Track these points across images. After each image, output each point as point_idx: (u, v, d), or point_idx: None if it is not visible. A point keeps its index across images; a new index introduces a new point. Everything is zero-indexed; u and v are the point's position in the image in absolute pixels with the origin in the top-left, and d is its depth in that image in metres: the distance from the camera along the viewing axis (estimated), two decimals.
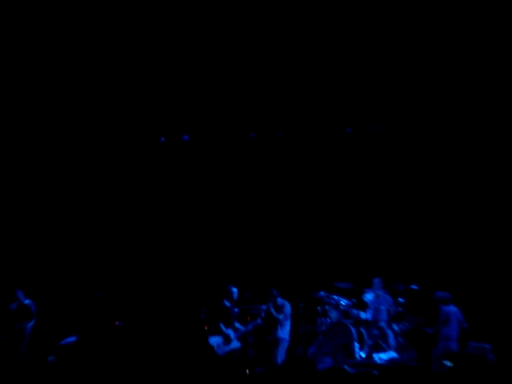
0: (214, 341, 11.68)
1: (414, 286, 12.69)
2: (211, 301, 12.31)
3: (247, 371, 10.65)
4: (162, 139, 14.62)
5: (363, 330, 12.70)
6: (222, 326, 11.77)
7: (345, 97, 13.25)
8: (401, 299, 12.75)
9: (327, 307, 13.09)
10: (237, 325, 11.93)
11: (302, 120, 13.92)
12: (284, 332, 11.95)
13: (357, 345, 12.44)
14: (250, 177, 14.86)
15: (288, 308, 12.09)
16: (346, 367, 10.06)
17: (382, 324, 12.69)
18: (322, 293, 13.11)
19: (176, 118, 14.14)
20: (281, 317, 11.91)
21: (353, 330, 12.56)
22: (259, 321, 11.93)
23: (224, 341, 11.71)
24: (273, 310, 11.94)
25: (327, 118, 13.77)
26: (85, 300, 12.96)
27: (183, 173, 15.02)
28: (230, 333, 11.75)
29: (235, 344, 11.79)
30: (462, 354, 10.94)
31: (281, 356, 11.78)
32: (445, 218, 13.72)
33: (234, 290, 12.00)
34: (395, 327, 12.61)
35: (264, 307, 12.09)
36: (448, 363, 10.04)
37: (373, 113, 13.58)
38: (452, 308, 11.42)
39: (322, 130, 14.04)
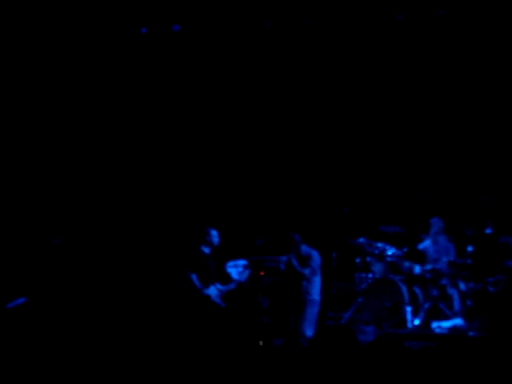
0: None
1: (488, 230, 12.47)
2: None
3: (260, 343, 10.65)
4: (143, 30, 14.36)
5: (418, 290, 12.52)
6: (195, 279, 11.38)
7: None
8: (470, 248, 12.46)
9: (369, 258, 12.90)
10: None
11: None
12: (313, 292, 11.75)
13: (409, 309, 12.24)
14: (261, 80, 14.46)
15: (316, 259, 11.81)
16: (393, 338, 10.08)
17: (444, 281, 12.48)
18: (361, 239, 12.88)
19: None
20: (306, 272, 11.64)
21: (404, 288, 12.36)
22: (243, 278, 11.68)
23: None
24: (295, 263, 11.67)
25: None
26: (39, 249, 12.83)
27: (170, 75, 14.68)
28: (212, 290, 11.49)
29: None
30: None
31: (309, 323, 11.60)
32: None
33: (213, 232, 11.61)
34: (462, 286, 12.38)
35: (284, 258, 11.85)
36: None
37: None
38: None
39: (363, 18, 13.60)
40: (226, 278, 11.85)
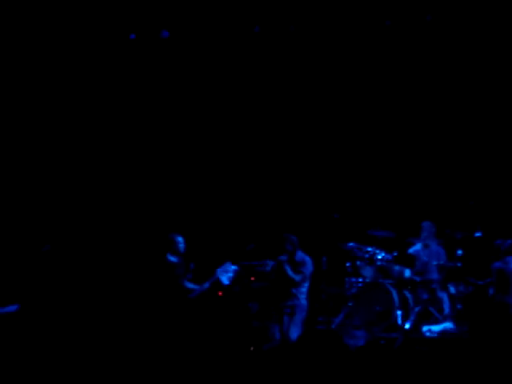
0: None
1: (478, 234, 12.53)
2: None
3: (251, 348, 10.72)
4: (132, 36, 14.28)
5: (408, 294, 12.56)
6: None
7: None
8: (459, 251, 12.54)
9: (359, 263, 12.93)
10: (188, 285, 11.34)
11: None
12: (301, 296, 11.51)
13: (399, 313, 12.28)
14: (250, 85, 14.50)
15: (310, 267, 11.58)
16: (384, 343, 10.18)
17: (434, 285, 12.54)
18: (351, 244, 12.95)
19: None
20: (298, 278, 11.41)
21: (394, 292, 12.38)
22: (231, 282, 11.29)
23: None
24: (288, 268, 11.40)
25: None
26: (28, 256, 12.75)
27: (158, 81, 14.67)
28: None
29: None
30: None
31: (296, 328, 11.38)
32: None
33: (179, 239, 11.33)
34: (452, 289, 12.48)
35: (271, 262, 11.76)
36: None
37: None
38: None
39: (351, 23, 13.61)
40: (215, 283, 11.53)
